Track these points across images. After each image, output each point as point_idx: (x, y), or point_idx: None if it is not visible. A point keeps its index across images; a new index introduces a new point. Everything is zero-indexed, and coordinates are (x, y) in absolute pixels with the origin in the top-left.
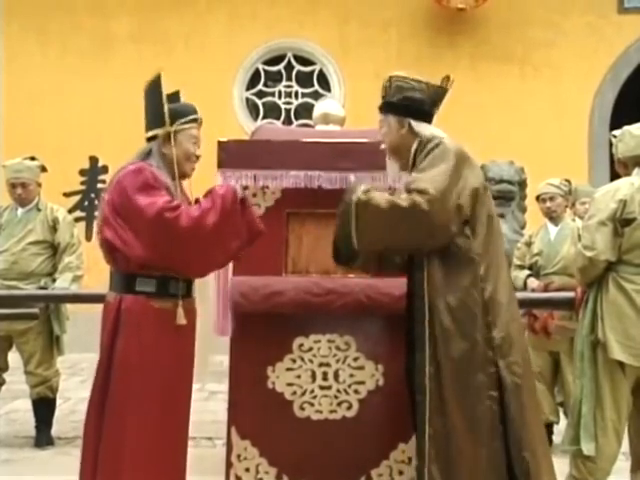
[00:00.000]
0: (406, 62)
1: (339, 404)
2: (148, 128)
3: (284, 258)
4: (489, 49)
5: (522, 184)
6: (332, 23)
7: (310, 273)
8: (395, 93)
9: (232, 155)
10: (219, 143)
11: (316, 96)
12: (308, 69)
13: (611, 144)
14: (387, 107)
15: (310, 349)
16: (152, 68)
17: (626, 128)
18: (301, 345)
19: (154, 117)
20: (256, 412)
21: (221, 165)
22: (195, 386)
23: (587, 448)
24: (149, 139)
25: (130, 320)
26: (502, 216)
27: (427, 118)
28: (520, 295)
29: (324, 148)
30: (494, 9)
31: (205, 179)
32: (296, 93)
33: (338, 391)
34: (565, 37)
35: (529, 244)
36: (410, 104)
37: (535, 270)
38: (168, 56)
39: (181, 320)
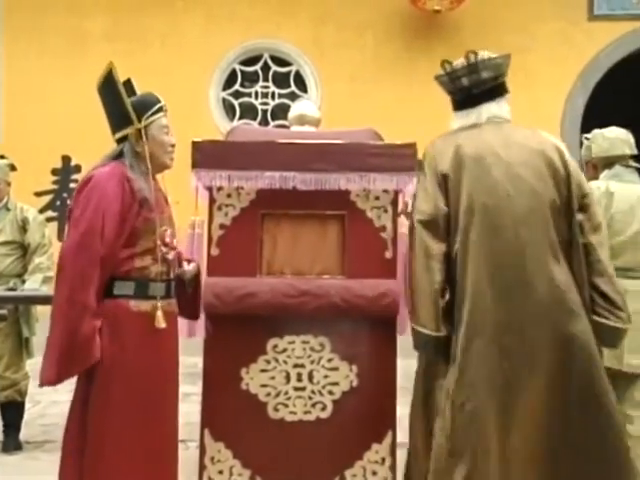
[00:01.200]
0: (382, 65)
1: (313, 405)
2: (115, 129)
3: (259, 259)
4: (464, 53)
5: None
6: (309, 25)
7: (285, 274)
8: None
9: (206, 155)
10: (193, 143)
11: (293, 97)
12: (285, 70)
13: (582, 147)
14: None
15: (284, 350)
16: (127, 67)
17: (598, 131)
18: (275, 346)
19: (119, 117)
20: (230, 414)
21: (195, 165)
22: None
23: None
24: (119, 140)
25: (111, 325)
26: None
27: (465, 105)
28: None
29: (299, 149)
30: (469, 13)
31: (180, 179)
32: (273, 94)
33: (312, 392)
34: (538, 43)
35: None
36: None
37: None
38: (144, 55)
39: (160, 324)
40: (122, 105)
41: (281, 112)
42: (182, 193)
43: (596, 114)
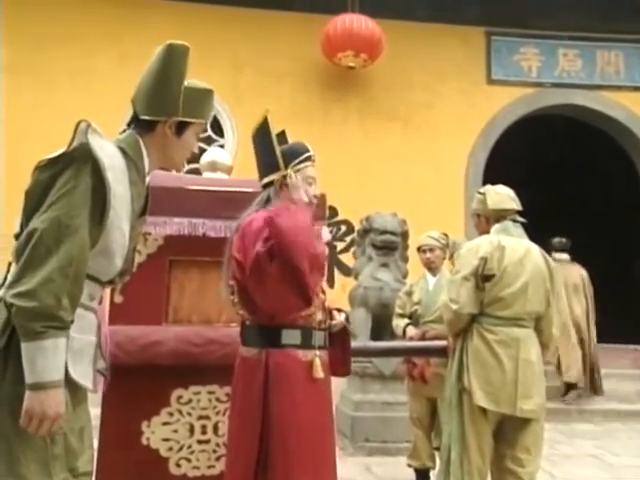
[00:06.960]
0: (298, 112)
1: (217, 459)
2: (262, 175)
3: (165, 307)
4: (375, 107)
5: (404, 235)
6: (226, 70)
7: (192, 323)
8: None
9: None
10: None
11: (209, 141)
12: None
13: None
14: None
15: (189, 401)
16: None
17: (490, 187)
18: (180, 397)
19: (267, 163)
20: (127, 471)
21: None
22: None
23: None
24: (265, 186)
25: (281, 376)
26: (386, 265)
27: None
28: (399, 344)
29: (209, 196)
30: (380, 71)
31: None
32: None
33: (217, 445)
34: (442, 101)
35: (409, 293)
36: None
37: (415, 318)
38: (51, 92)
39: (319, 374)
40: (271, 150)
41: (197, 156)
42: None
43: (495, 169)
